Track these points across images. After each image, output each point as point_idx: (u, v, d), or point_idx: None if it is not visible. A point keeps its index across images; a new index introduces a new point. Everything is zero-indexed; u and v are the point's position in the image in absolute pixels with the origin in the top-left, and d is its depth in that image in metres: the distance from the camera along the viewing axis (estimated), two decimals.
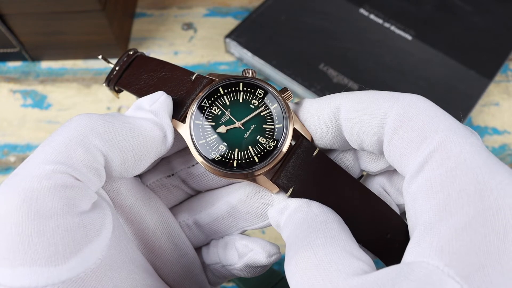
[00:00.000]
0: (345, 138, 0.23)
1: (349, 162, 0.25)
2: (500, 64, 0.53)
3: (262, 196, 0.25)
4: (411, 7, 0.57)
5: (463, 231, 0.17)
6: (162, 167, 0.28)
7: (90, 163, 0.20)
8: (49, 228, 0.17)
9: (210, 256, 0.28)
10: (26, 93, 0.56)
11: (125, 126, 0.22)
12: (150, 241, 0.25)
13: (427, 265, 0.16)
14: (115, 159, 0.21)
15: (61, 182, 0.18)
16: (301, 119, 0.24)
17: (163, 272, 0.26)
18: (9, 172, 0.50)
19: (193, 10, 0.63)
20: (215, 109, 0.24)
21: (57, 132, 0.21)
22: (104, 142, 0.21)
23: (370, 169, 0.25)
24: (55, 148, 0.19)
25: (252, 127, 0.24)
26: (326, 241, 0.20)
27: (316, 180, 0.23)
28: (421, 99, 0.21)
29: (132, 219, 0.25)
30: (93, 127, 0.21)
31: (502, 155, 0.49)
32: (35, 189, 0.18)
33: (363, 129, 0.22)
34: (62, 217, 0.18)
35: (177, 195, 0.28)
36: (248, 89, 0.24)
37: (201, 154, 0.23)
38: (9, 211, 0.17)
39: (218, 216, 0.26)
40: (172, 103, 0.24)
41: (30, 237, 0.17)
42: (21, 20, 0.51)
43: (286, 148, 0.23)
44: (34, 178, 0.18)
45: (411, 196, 0.20)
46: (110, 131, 0.21)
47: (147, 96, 0.24)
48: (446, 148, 0.19)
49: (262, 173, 0.23)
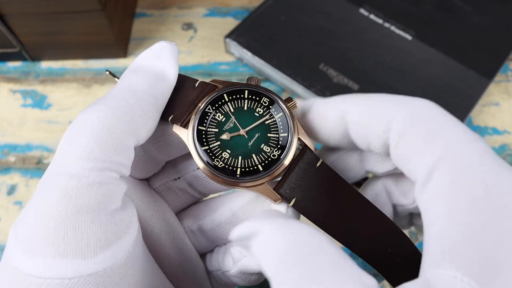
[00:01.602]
0: (352, 139, 0.23)
1: (353, 162, 0.25)
2: (500, 64, 0.53)
3: (262, 203, 0.25)
4: (411, 7, 0.57)
5: (476, 238, 0.17)
6: (169, 170, 0.28)
7: (121, 150, 0.21)
8: (84, 223, 0.19)
9: (212, 263, 0.28)
10: (26, 93, 0.56)
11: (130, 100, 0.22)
12: (154, 245, 0.25)
13: (443, 276, 0.16)
14: (141, 134, 0.22)
15: (99, 180, 0.20)
16: (309, 118, 0.24)
17: (167, 276, 0.26)
18: (9, 172, 0.50)
19: (193, 10, 0.63)
20: (219, 115, 0.24)
21: (78, 127, 0.21)
22: (126, 122, 0.21)
23: (376, 170, 0.25)
24: (87, 144, 0.20)
25: (256, 135, 0.23)
26: (332, 275, 0.16)
27: (319, 191, 0.23)
28: (427, 104, 0.21)
29: None
30: (110, 113, 0.21)
31: (502, 155, 0.49)
32: (74, 186, 0.19)
33: (369, 132, 0.22)
34: (96, 213, 0.19)
35: (184, 199, 0.28)
36: (253, 97, 0.24)
37: (203, 160, 0.23)
38: (49, 206, 0.18)
39: (220, 222, 0.26)
40: (177, 49, 0.24)
41: (65, 230, 0.18)
42: (21, 20, 0.51)
43: (290, 158, 0.23)
44: (74, 176, 0.19)
45: (423, 205, 0.20)
46: (123, 113, 0.21)
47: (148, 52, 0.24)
48: (453, 154, 0.18)
49: (266, 181, 0.23)
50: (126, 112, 0.21)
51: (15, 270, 0.18)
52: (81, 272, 0.18)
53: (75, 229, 0.18)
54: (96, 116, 0.21)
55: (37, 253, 0.18)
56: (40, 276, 0.18)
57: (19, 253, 0.18)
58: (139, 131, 0.22)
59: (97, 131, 0.20)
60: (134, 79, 0.23)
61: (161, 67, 0.23)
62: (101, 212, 0.19)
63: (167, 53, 0.23)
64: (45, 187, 0.19)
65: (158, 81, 0.23)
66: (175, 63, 0.23)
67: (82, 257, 0.18)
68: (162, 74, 0.23)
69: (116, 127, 0.21)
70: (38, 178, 0.50)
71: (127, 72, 0.23)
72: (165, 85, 0.23)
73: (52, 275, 0.18)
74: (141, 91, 0.22)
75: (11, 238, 0.19)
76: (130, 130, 0.21)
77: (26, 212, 0.20)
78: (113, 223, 0.20)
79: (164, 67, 0.23)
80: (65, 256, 0.18)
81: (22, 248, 0.18)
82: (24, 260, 0.18)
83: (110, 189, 0.20)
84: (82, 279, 0.18)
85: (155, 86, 0.23)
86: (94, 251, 0.19)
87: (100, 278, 0.19)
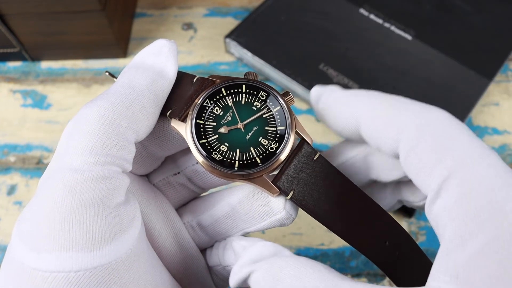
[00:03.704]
0: (363, 138, 0.24)
1: (359, 168, 0.25)
2: (500, 64, 0.53)
3: (260, 197, 0.25)
4: (411, 7, 0.57)
5: (478, 258, 0.17)
6: (168, 165, 0.28)
7: (123, 144, 0.21)
8: (89, 217, 0.19)
9: (212, 258, 0.28)
10: (26, 93, 0.56)
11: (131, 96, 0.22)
12: (155, 241, 0.25)
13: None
14: (141, 130, 0.22)
15: (102, 174, 0.20)
16: (323, 107, 0.25)
17: (168, 271, 0.26)
18: (9, 172, 0.50)
19: (193, 10, 0.63)
20: (217, 109, 0.24)
21: (79, 123, 0.21)
22: (126, 117, 0.21)
23: (382, 178, 0.25)
24: (89, 139, 0.20)
25: (254, 129, 0.24)
26: None
27: (316, 184, 0.23)
28: (440, 114, 0.21)
29: None
30: (111, 109, 0.21)
31: (502, 155, 0.49)
32: (79, 181, 0.19)
33: (379, 137, 0.22)
34: (101, 207, 0.19)
35: (183, 194, 0.29)
36: (250, 91, 0.24)
37: (202, 153, 0.23)
38: (54, 201, 0.19)
39: (219, 217, 0.27)
40: (176, 47, 0.24)
41: (71, 224, 0.18)
42: (21, 20, 0.51)
43: (288, 151, 0.23)
44: (78, 171, 0.19)
45: (433, 221, 0.20)
46: (125, 108, 0.22)
47: (148, 50, 0.24)
48: (461, 172, 0.18)
49: (263, 174, 0.23)
50: (127, 108, 0.21)
51: (20, 265, 0.19)
52: (86, 265, 0.18)
53: (80, 222, 0.19)
54: (97, 111, 0.21)
55: (43, 248, 0.18)
56: (46, 270, 0.18)
57: (25, 249, 0.19)
58: (139, 126, 0.22)
59: (98, 125, 0.20)
60: (134, 76, 0.23)
61: (160, 65, 0.23)
62: (105, 206, 0.20)
63: (166, 51, 0.24)
64: (48, 183, 0.20)
65: (158, 78, 0.23)
66: (175, 60, 0.24)
67: (87, 250, 0.18)
68: (162, 71, 0.23)
69: (117, 122, 0.21)
70: (38, 178, 0.50)
71: (127, 69, 0.24)
72: (165, 82, 0.23)
73: (58, 269, 0.18)
74: (141, 88, 0.22)
75: (15, 235, 0.19)
76: (131, 125, 0.21)
77: (29, 208, 0.20)
78: (117, 217, 0.20)
79: (163, 65, 0.23)
80: (71, 249, 0.18)
81: (27, 243, 0.19)
82: (29, 255, 0.18)
83: (114, 183, 0.20)
84: (88, 271, 0.18)
85: (155, 83, 0.23)
86: (99, 244, 0.19)
87: (105, 271, 0.19)
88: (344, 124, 0.24)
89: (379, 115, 0.22)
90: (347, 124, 0.24)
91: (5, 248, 0.46)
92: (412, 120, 0.21)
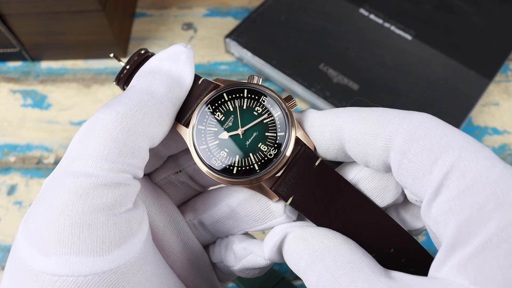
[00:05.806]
0: (349, 156, 0.23)
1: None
2: (500, 64, 0.53)
3: (259, 201, 0.25)
4: (411, 7, 0.57)
5: (487, 248, 0.17)
6: (170, 164, 0.28)
7: (139, 152, 0.21)
8: (99, 222, 0.19)
9: (215, 255, 0.28)
10: (26, 93, 0.56)
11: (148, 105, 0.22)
12: (160, 240, 0.26)
13: (453, 283, 0.17)
14: (156, 138, 0.22)
15: (116, 180, 0.20)
16: (304, 130, 0.24)
17: (173, 270, 0.26)
18: (9, 172, 0.50)
19: (193, 10, 0.63)
20: (219, 114, 0.24)
21: (95, 128, 0.21)
22: (144, 125, 0.21)
23: (377, 203, 0.24)
24: (105, 145, 0.20)
25: (254, 134, 0.23)
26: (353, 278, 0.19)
27: (317, 190, 0.23)
28: (427, 118, 0.20)
29: None
30: (130, 115, 0.21)
31: (502, 155, 0.49)
32: (92, 186, 0.19)
33: (367, 151, 0.21)
34: (112, 212, 0.19)
35: (185, 192, 0.29)
36: (252, 95, 0.24)
37: (202, 159, 0.23)
38: (65, 205, 0.19)
39: (220, 218, 0.27)
40: (193, 53, 0.24)
41: (81, 229, 0.18)
42: (21, 20, 0.51)
43: (287, 157, 0.23)
44: (91, 176, 0.19)
45: (433, 220, 0.19)
46: (141, 117, 0.22)
47: (163, 54, 0.24)
48: (460, 166, 0.18)
49: (262, 181, 0.23)
50: (145, 115, 0.21)
51: (28, 269, 0.18)
52: (96, 269, 0.18)
53: (90, 227, 0.19)
54: (115, 117, 0.21)
55: (51, 251, 0.18)
56: (55, 273, 0.18)
57: (32, 251, 0.18)
58: (155, 134, 0.22)
59: (116, 132, 0.20)
60: (152, 81, 0.23)
61: (178, 72, 0.23)
62: (116, 211, 0.20)
63: (184, 58, 0.23)
64: (57, 185, 0.19)
65: (176, 85, 0.23)
66: (192, 68, 0.24)
67: (97, 255, 0.18)
68: (179, 79, 0.23)
69: (135, 130, 0.21)
70: (38, 178, 0.50)
71: (143, 73, 0.23)
72: (181, 90, 0.23)
73: (67, 273, 0.18)
74: (160, 95, 0.22)
75: (22, 237, 0.19)
76: (147, 133, 0.21)
77: (37, 210, 0.19)
78: (127, 222, 0.20)
79: (181, 72, 0.23)
80: (80, 254, 0.18)
81: (34, 245, 0.18)
82: (37, 259, 0.18)
83: (127, 189, 0.20)
84: (97, 276, 0.18)
85: (173, 90, 0.23)
86: (109, 249, 0.19)
87: (114, 275, 0.19)
88: (327, 142, 0.23)
89: (364, 128, 0.21)
90: (330, 141, 0.23)
91: (5, 248, 0.46)
92: (400, 126, 0.20)
